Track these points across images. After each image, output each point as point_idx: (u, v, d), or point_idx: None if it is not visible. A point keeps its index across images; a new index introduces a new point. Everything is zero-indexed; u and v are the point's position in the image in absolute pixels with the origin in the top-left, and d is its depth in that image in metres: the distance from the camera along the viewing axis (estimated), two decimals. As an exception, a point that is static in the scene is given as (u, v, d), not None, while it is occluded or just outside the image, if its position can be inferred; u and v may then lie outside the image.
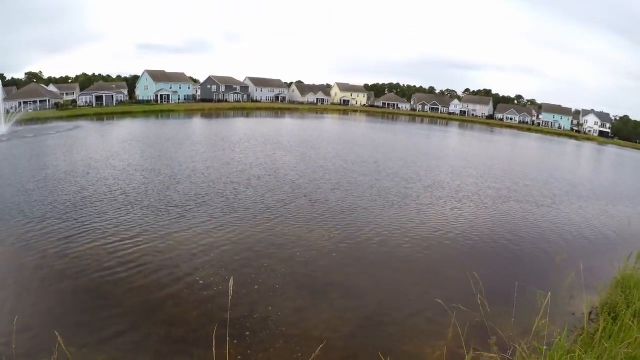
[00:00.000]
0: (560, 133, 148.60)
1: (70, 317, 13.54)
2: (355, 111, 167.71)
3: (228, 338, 8.10)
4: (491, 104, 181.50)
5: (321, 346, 12.21)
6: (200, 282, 16.11)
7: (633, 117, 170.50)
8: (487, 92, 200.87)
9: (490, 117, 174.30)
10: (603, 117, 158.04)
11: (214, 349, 7.14)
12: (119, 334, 12.63)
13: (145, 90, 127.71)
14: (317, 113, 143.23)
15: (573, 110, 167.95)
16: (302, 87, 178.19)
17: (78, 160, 36.73)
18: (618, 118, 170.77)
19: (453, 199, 31.38)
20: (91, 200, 25.55)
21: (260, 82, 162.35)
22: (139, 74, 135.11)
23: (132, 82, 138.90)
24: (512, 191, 36.49)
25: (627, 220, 27.82)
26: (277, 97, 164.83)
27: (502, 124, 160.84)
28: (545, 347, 9.11)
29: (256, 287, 15.77)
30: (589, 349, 9.59)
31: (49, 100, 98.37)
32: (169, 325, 13.20)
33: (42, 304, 14.32)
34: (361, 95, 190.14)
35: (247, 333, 12.67)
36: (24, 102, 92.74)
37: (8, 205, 24.22)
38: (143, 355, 11.69)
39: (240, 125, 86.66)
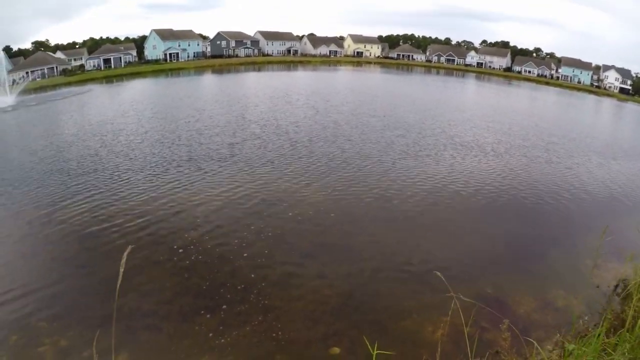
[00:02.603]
0: (580, 88, 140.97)
1: (43, 288, 12.91)
2: (369, 63, 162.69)
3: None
4: (509, 56, 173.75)
5: (303, 324, 11.35)
6: (182, 244, 15.30)
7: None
8: (505, 44, 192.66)
9: (508, 69, 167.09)
10: (624, 73, 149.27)
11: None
12: (89, 305, 11.96)
13: (154, 50, 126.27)
14: (329, 65, 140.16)
15: (593, 65, 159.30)
16: (314, 40, 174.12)
17: (84, 125, 35.77)
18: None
19: (471, 155, 29.72)
20: (90, 165, 24.62)
21: (271, 36, 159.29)
22: (147, 34, 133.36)
23: (140, 42, 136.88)
24: (538, 149, 34.34)
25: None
26: (288, 51, 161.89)
27: (519, 77, 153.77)
28: (573, 347, 7.64)
29: (244, 253, 14.79)
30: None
31: (56, 67, 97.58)
32: (142, 295, 12.33)
33: (21, 273, 13.74)
34: (375, 46, 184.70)
35: (224, 306, 11.74)
36: (31, 71, 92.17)
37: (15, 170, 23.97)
38: (111, 328, 10.35)
39: (251, 80, 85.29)
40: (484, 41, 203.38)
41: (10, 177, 22.86)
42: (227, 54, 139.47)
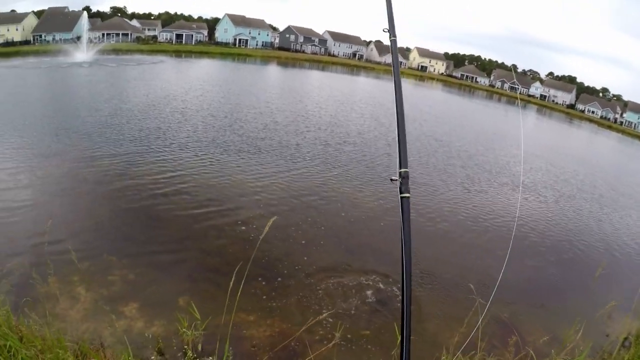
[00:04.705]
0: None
1: (116, 229, 14.82)
2: (432, 79, 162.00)
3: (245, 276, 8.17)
4: (574, 92, 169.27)
5: (338, 308, 12.59)
6: (244, 220, 16.69)
7: None
8: (572, 79, 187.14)
9: (571, 106, 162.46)
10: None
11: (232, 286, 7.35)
12: (158, 252, 13.59)
13: (225, 33, 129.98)
14: (392, 75, 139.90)
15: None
16: (380, 47, 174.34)
17: (157, 93, 37.97)
18: None
19: (524, 196, 29.69)
20: (159, 132, 27.30)
21: (339, 37, 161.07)
22: (220, 16, 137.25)
23: (212, 24, 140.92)
24: (591, 201, 33.19)
25: None
26: (354, 54, 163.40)
27: (582, 116, 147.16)
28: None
29: (299, 239, 16.05)
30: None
31: (130, 34, 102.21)
32: (206, 254, 13.92)
33: (94, 214, 15.61)
34: (440, 62, 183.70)
35: (279, 279, 13.01)
36: (107, 34, 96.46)
37: (84, 126, 26.91)
38: (175, 275, 12.44)
39: (315, 79, 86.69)
40: (551, 73, 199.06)
41: (86, 130, 25.86)
42: (294, 49, 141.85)
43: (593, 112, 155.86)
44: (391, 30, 4.72)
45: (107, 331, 9.57)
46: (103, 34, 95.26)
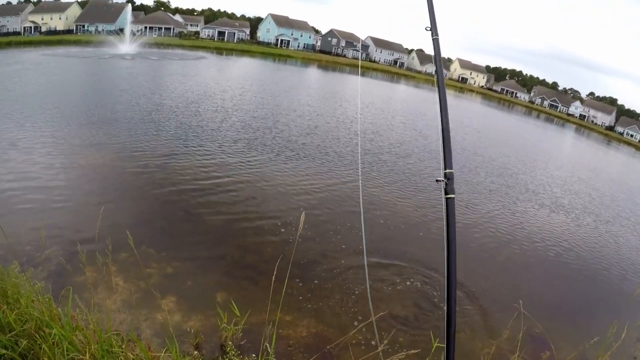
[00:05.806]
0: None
1: (154, 222, 15.09)
2: (472, 91, 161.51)
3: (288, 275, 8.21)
4: (614, 114, 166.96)
5: (379, 314, 12.46)
6: (282, 222, 16.78)
7: None
8: (612, 101, 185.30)
9: (610, 128, 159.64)
10: None
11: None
12: (196, 247, 13.73)
13: (267, 33, 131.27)
14: (432, 85, 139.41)
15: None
16: (422, 56, 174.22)
17: (198, 89, 38.59)
18: None
19: (564, 220, 29.27)
20: (200, 128, 27.87)
21: (381, 44, 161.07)
22: (263, 16, 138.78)
23: (255, 23, 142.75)
24: (630, 230, 33.26)
25: None
26: (395, 62, 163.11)
27: (620, 139, 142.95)
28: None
29: (339, 243, 16.03)
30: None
31: (173, 29, 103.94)
32: (244, 251, 14.06)
33: (133, 206, 16.01)
34: (480, 75, 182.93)
35: (315, 281, 13.02)
36: (150, 27, 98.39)
37: (125, 118, 27.73)
38: (213, 271, 12.61)
39: (356, 84, 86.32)
40: (591, 93, 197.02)
41: (127, 123, 26.89)
42: (335, 52, 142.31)
43: (632, 135, 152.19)
44: (433, 28, 4.76)
45: (145, 323, 9.69)
46: (145, 27, 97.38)
